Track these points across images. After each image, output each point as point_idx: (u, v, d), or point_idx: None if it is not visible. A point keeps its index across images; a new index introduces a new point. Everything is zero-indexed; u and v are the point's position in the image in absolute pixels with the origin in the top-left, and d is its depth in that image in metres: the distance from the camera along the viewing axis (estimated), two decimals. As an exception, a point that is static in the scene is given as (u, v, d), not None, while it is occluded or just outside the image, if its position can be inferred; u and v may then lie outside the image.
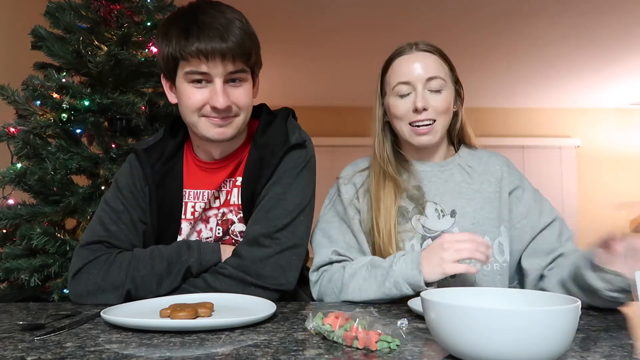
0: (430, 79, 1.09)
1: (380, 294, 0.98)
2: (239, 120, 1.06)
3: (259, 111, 1.17)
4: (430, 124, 1.09)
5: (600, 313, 0.89)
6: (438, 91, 1.10)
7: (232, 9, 1.05)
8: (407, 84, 1.10)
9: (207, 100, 1.01)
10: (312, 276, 1.11)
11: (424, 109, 1.08)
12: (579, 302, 0.58)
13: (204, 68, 0.99)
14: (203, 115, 1.03)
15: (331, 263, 1.10)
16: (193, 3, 1.05)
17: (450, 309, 0.57)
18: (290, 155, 1.08)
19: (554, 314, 0.54)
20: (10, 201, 1.54)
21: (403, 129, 1.12)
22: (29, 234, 1.43)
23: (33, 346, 0.67)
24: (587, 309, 0.92)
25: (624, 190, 5.45)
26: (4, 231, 1.52)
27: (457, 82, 1.17)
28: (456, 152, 1.21)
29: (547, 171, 5.46)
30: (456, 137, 1.22)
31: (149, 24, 1.67)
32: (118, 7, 1.64)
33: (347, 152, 4.90)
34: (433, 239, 1.08)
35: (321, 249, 1.12)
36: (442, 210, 1.11)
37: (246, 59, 1.02)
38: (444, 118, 1.11)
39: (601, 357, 0.62)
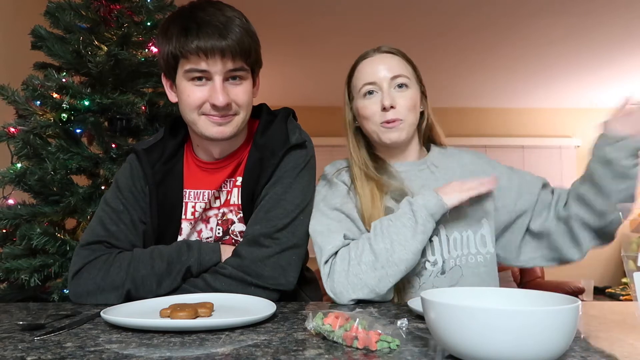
0: (394, 77, 1.12)
1: (418, 238, 0.99)
2: (239, 119, 1.06)
3: (259, 111, 1.17)
4: (400, 120, 1.11)
5: (600, 313, 0.89)
6: (403, 89, 1.12)
7: (232, 7, 1.05)
8: (373, 84, 1.12)
9: (207, 98, 1.01)
10: (324, 268, 1.02)
11: (392, 107, 1.10)
12: (579, 302, 0.58)
13: (203, 65, 0.99)
14: (203, 114, 1.03)
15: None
16: (193, 2, 1.05)
17: (450, 309, 0.57)
18: (290, 155, 1.08)
19: (554, 314, 0.54)
20: (10, 201, 1.54)
21: (373, 128, 1.13)
22: (29, 234, 1.43)
23: (33, 346, 0.67)
24: (587, 309, 0.92)
25: (624, 190, 5.45)
26: (4, 231, 1.52)
27: (421, 82, 1.19)
28: (428, 152, 1.23)
29: (547, 171, 5.45)
30: (426, 137, 1.24)
31: (149, 24, 1.67)
32: (118, 7, 1.64)
33: (346, 152, 4.90)
34: None
35: (329, 237, 1.04)
36: None
37: (246, 57, 1.02)
38: (412, 116, 1.13)
39: (601, 357, 0.62)
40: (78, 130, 1.58)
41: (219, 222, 1.12)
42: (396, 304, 1.00)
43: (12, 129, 1.53)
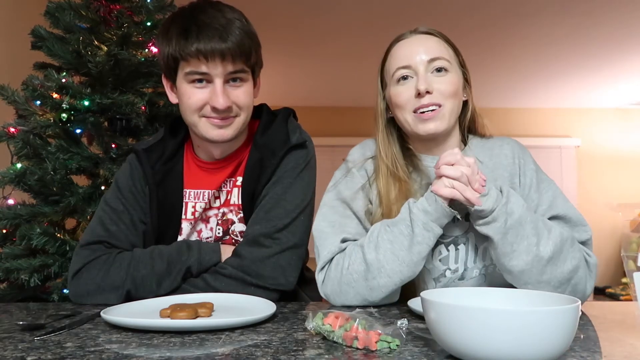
0: (432, 60, 0.99)
1: (415, 249, 0.90)
2: (240, 121, 1.06)
3: (260, 111, 1.17)
4: (435, 109, 0.98)
5: (600, 313, 0.89)
6: (442, 73, 1.00)
7: (232, 8, 1.05)
8: (408, 67, 1.00)
9: (208, 100, 1.01)
10: (319, 275, 0.98)
11: (427, 92, 0.97)
12: (579, 302, 0.57)
13: (203, 68, 0.99)
14: (203, 116, 1.03)
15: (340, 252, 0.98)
16: (193, 3, 1.05)
17: (450, 309, 0.57)
18: (290, 155, 1.08)
19: (554, 314, 0.54)
20: (10, 201, 1.54)
21: (407, 118, 1.00)
22: (29, 234, 1.43)
23: (33, 346, 0.67)
24: (587, 309, 0.92)
25: (624, 191, 5.45)
26: (4, 231, 1.52)
27: (463, 67, 1.07)
28: (466, 144, 1.09)
29: (547, 171, 5.24)
30: (467, 129, 1.11)
31: (148, 24, 1.67)
32: (118, 7, 1.64)
33: (347, 152, 4.88)
34: (446, 245, 1.00)
35: (327, 240, 0.99)
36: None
37: (246, 58, 1.02)
38: (452, 103, 1.00)
39: (601, 357, 0.62)
40: (78, 130, 1.58)
41: (219, 222, 1.12)
42: (396, 304, 1.00)
43: (12, 129, 1.53)
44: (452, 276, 1.02)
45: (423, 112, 0.99)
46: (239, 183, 1.11)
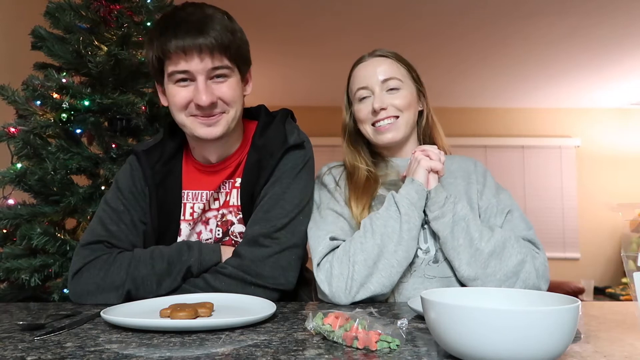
0: (385, 80, 1.15)
1: (404, 227, 0.99)
2: (229, 117, 1.05)
3: (258, 112, 1.17)
4: (391, 122, 1.15)
5: (600, 313, 0.90)
6: (395, 90, 1.15)
7: (215, 7, 1.05)
8: (365, 88, 1.17)
9: (192, 97, 1.01)
10: (319, 273, 1.00)
11: (382, 109, 1.14)
12: (579, 302, 0.58)
13: (183, 65, 0.99)
14: (191, 115, 1.04)
15: (333, 250, 1.04)
16: (177, 5, 1.06)
17: (450, 309, 0.57)
18: (288, 155, 1.08)
19: (554, 314, 0.54)
20: (10, 201, 1.54)
21: (367, 130, 1.18)
22: (29, 234, 1.42)
23: (33, 346, 0.67)
24: (587, 309, 0.92)
25: (624, 191, 5.45)
26: (4, 231, 1.52)
27: (417, 82, 1.21)
28: None
29: (547, 171, 5.45)
30: (427, 137, 1.26)
31: (148, 24, 1.67)
32: (118, 7, 1.64)
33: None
34: None
35: (318, 241, 1.05)
36: None
37: (226, 52, 1.01)
38: (407, 115, 1.16)
39: (601, 357, 0.62)
40: (78, 130, 1.58)
41: (219, 223, 1.12)
42: (396, 303, 1.00)
43: (12, 129, 1.53)
44: (425, 257, 1.07)
45: (380, 126, 1.15)
46: (237, 184, 1.11)
